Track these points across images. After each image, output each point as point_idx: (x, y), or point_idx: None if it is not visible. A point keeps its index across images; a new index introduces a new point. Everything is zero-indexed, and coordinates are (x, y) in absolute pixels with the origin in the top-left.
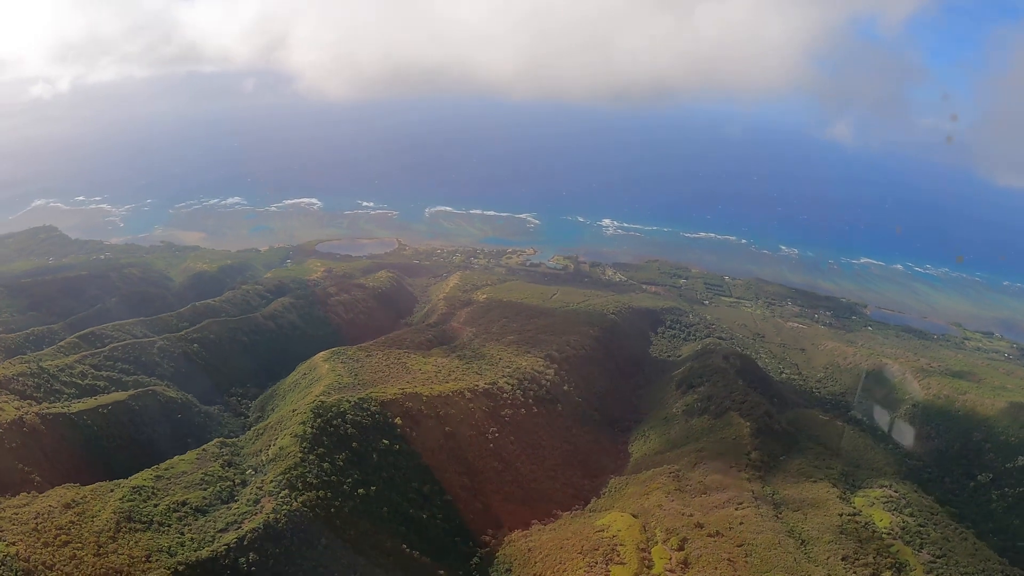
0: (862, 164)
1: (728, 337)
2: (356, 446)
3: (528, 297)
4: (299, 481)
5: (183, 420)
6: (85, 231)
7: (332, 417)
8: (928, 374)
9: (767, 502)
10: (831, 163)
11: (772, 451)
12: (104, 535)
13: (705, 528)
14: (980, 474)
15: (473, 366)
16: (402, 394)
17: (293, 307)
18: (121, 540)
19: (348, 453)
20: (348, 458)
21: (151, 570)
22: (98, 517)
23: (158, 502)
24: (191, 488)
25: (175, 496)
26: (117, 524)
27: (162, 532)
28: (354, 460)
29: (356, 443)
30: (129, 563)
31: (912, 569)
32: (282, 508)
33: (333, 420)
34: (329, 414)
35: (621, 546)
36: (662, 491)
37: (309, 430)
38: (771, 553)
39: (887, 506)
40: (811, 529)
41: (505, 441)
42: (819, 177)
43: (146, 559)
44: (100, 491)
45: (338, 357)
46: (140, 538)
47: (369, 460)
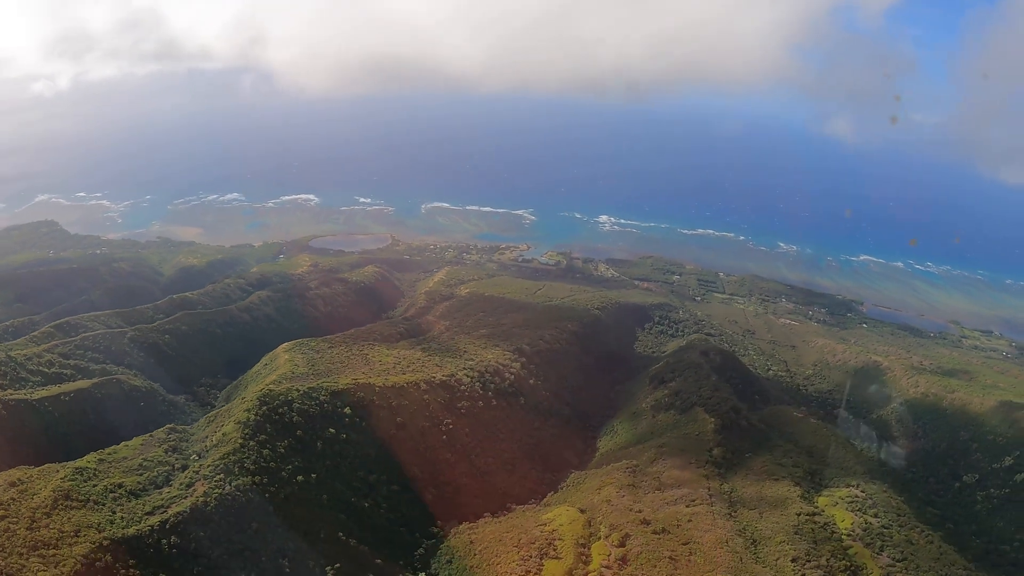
0: (863, 160)
1: (717, 333)
2: (300, 434)
3: (511, 292)
4: (236, 466)
5: (147, 408)
6: (85, 226)
7: (278, 405)
8: (918, 372)
9: (723, 500)
10: (831, 159)
11: (737, 448)
12: (40, 511)
13: (651, 525)
14: (966, 474)
15: (435, 358)
16: (354, 384)
17: (270, 300)
18: (55, 516)
19: (291, 440)
20: (291, 445)
21: (77, 544)
22: (38, 495)
23: (97, 483)
24: (129, 472)
25: (113, 478)
26: (54, 502)
27: (95, 511)
28: (297, 447)
29: (301, 431)
30: (58, 537)
31: (869, 572)
32: (213, 492)
33: (279, 408)
34: (276, 402)
35: (560, 540)
36: (614, 486)
37: (253, 417)
38: (716, 552)
39: (851, 506)
40: (765, 528)
41: (460, 433)
42: (820, 174)
43: (75, 534)
44: (47, 472)
45: (300, 348)
46: (73, 515)
47: (313, 448)
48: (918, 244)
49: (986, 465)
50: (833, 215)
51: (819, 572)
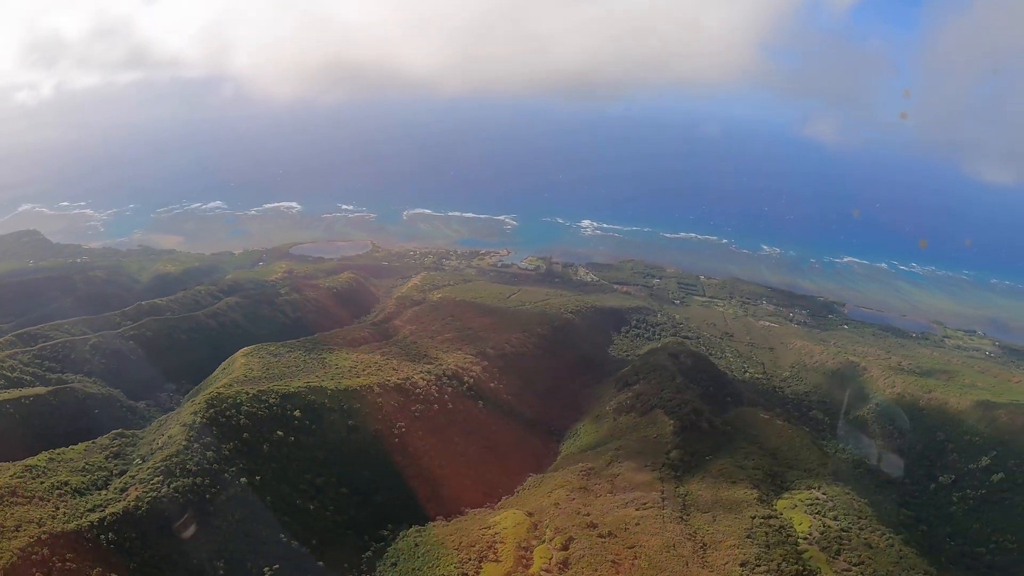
0: (846, 162)
1: (694, 336)
2: (247, 436)
3: (484, 297)
4: (177, 468)
5: (102, 415)
6: (67, 235)
7: (226, 408)
8: (895, 372)
9: (676, 503)
10: (814, 162)
11: (697, 450)
12: None
13: (598, 528)
14: (942, 475)
15: (393, 362)
16: (305, 387)
17: (238, 306)
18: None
19: (237, 443)
20: (236, 448)
21: (16, 538)
22: None
23: (45, 480)
24: (75, 472)
25: (60, 476)
26: (0, 497)
27: (39, 506)
28: (243, 450)
29: (247, 434)
30: None
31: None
32: (147, 495)
33: (227, 411)
34: (223, 405)
35: (501, 544)
36: (565, 489)
37: (198, 420)
38: (662, 556)
39: (811, 509)
40: (716, 532)
41: (413, 436)
42: (803, 176)
43: (16, 528)
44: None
45: (257, 352)
46: (17, 511)
47: (259, 450)
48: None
49: (962, 466)
50: (817, 217)
51: None
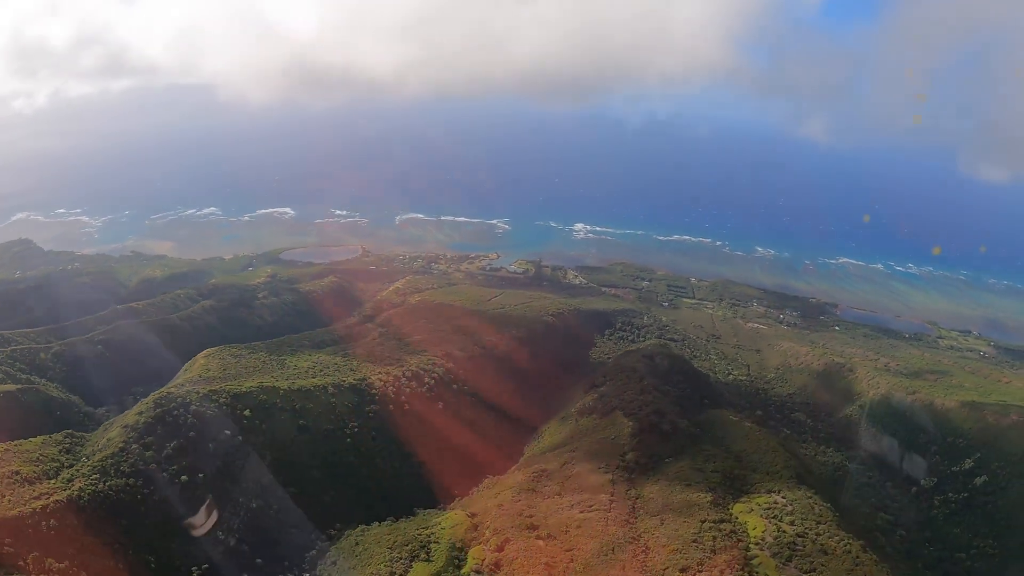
0: (839, 162)
1: (680, 339)
2: (193, 435)
3: (464, 300)
4: (112, 468)
5: (62, 418)
6: (61, 243)
7: (174, 408)
8: (880, 373)
9: (624, 506)
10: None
11: (657, 452)
12: None
13: (537, 530)
14: (924, 478)
15: (352, 363)
16: (258, 387)
17: (213, 309)
18: None
19: (182, 441)
20: (179, 446)
21: None
22: None
23: None
24: (28, 463)
25: (12, 466)
26: None
27: None
28: (187, 449)
29: (194, 432)
30: None
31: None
32: (87, 489)
33: (174, 411)
34: (171, 405)
35: (435, 543)
36: (513, 491)
37: (142, 420)
38: (598, 559)
39: (767, 513)
40: (661, 536)
41: (365, 437)
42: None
43: None
44: None
45: (219, 354)
46: None
47: (204, 449)
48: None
49: (945, 468)
50: (813, 219)
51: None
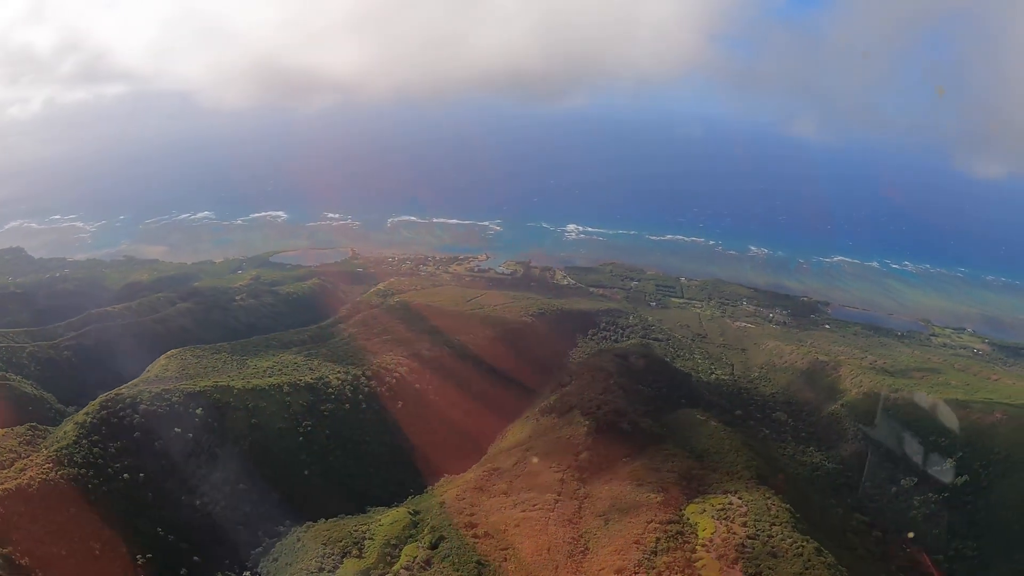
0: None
1: (664, 338)
2: (138, 436)
3: (444, 301)
4: (65, 459)
5: (34, 412)
6: (54, 249)
7: (120, 408)
8: (864, 372)
9: (570, 505)
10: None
11: (613, 452)
12: None
13: (475, 529)
14: (904, 478)
15: (314, 362)
16: (212, 386)
17: (189, 312)
18: None
19: (126, 441)
20: (123, 445)
21: None
22: None
23: None
24: None
25: None
26: None
27: None
28: (131, 447)
29: (139, 432)
30: None
31: None
32: (37, 478)
33: (121, 411)
34: (119, 405)
35: (369, 540)
36: (459, 488)
37: (89, 419)
38: (533, 559)
39: (720, 514)
40: (603, 537)
41: (319, 436)
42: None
43: None
44: None
45: (181, 355)
46: None
47: (150, 448)
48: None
49: (926, 468)
50: (809, 217)
51: None
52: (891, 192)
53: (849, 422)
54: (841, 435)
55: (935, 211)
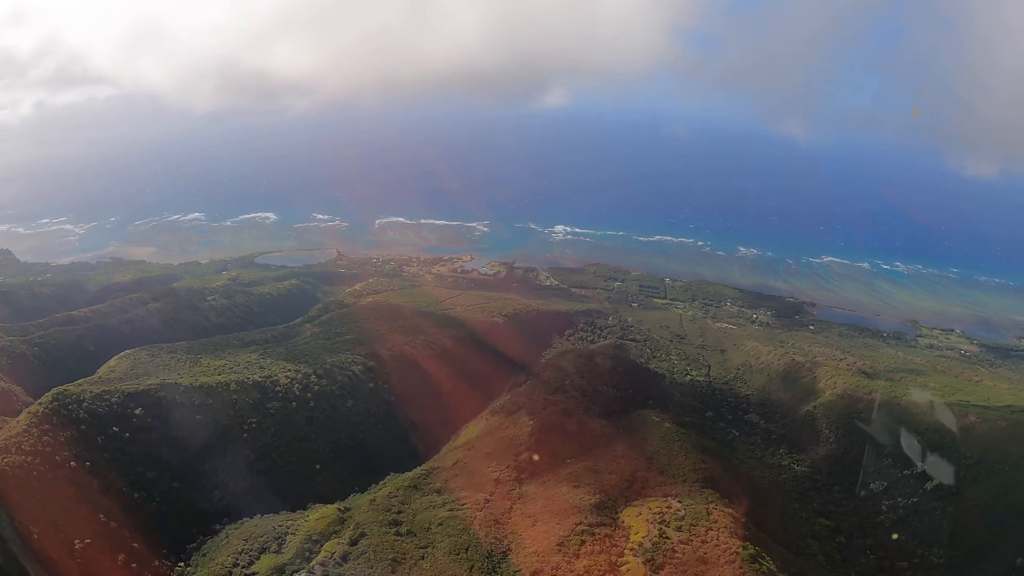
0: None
1: (642, 339)
2: (84, 428)
3: (418, 301)
4: (14, 448)
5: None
6: (41, 252)
7: (69, 402)
8: (842, 373)
9: (501, 506)
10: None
11: (558, 452)
12: None
13: (398, 526)
14: (874, 482)
15: (267, 361)
16: (157, 385)
17: (157, 312)
18: None
19: (73, 433)
20: (71, 436)
21: None
22: None
23: None
24: None
25: None
26: None
27: None
28: (78, 439)
29: (84, 426)
30: None
31: None
32: None
33: (69, 405)
34: (66, 399)
35: (292, 535)
36: (392, 487)
37: (42, 410)
38: (448, 559)
39: (656, 518)
40: (526, 538)
41: (264, 433)
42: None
43: None
44: None
45: (134, 355)
46: None
47: (94, 442)
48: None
49: (896, 472)
50: (802, 217)
51: None
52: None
53: (823, 424)
54: (813, 437)
55: (928, 211)
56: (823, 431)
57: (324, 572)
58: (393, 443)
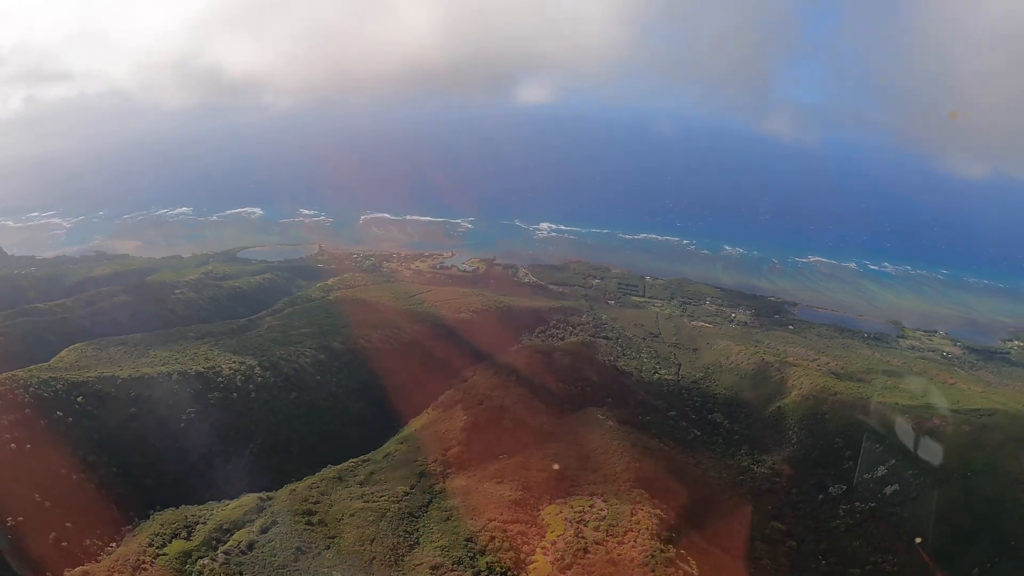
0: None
1: (614, 336)
2: (28, 412)
3: (385, 297)
4: None
5: None
6: (29, 246)
7: (16, 387)
8: (811, 374)
9: (419, 500)
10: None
11: (490, 448)
12: None
13: (312, 516)
14: (832, 485)
15: (215, 353)
16: (96, 376)
17: (123, 306)
18: None
19: (17, 416)
20: (15, 419)
21: None
22: None
23: None
24: None
25: None
26: None
27: None
28: (22, 423)
29: (29, 409)
30: None
31: None
32: None
33: (16, 389)
34: (14, 384)
35: (202, 525)
36: (317, 478)
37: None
38: (352, 550)
39: (576, 516)
40: (434, 533)
41: (202, 424)
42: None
43: None
44: None
45: (83, 348)
46: None
47: (37, 426)
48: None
49: (857, 475)
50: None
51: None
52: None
53: (787, 425)
54: (777, 438)
55: (919, 212)
56: (786, 432)
57: (226, 559)
58: (337, 436)
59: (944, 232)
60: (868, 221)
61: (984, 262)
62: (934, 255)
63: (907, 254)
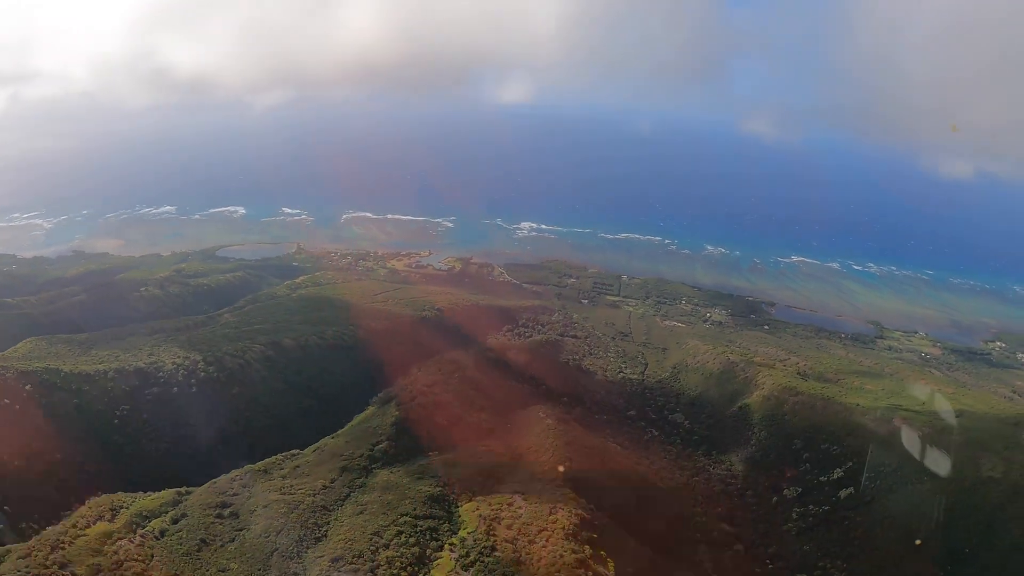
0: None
1: (583, 335)
2: None
3: (350, 294)
4: None
5: None
6: (10, 247)
7: None
8: (776, 374)
9: (337, 493)
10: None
11: (419, 445)
12: None
13: (222, 509)
14: (787, 488)
15: (160, 348)
16: (42, 368)
17: (82, 304)
18: None
19: None
20: None
21: None
22: None
23: None
24: None
25: None
26: None
27: None
28: None
29: None
30: None
31: None
32: None
33: None
34: None
35: (126, 509)
36: (241, 471)
37: None
38: (257, 541)
39: (492, 513)
40: (344, 527)
41: (135, 419)
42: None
43: None
44: None
45: (35, 342)
46: None
47: None
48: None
49: (812, 478)
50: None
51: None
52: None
53: (747, 425)
54: (736, 439)
55: (905, 212)
56: (746, 432)
57: (142, 542)
58: (279, 430)
59: (930, 233)
60: (853, 222)
61: (970, 263)
62: (920, 256)
63: (892, 254)
